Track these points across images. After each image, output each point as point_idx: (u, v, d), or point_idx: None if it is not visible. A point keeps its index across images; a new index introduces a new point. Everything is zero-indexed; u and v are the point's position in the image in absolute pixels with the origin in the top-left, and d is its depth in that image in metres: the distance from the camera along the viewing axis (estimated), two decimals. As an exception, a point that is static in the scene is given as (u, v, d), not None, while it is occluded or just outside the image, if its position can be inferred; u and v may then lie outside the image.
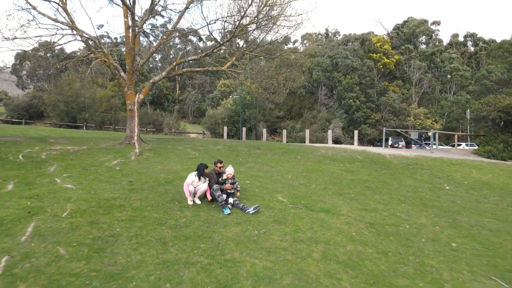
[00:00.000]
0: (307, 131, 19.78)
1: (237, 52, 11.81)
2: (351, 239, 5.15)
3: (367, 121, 33.85)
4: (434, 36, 50.70)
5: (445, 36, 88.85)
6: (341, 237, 5.18)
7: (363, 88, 35.14)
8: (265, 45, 13.64)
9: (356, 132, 18.66)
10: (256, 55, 12.27)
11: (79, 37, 10.34)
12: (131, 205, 5.60)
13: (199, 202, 5.99)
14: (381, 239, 5.29)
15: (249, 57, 12.06)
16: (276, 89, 12.44)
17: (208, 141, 15.75)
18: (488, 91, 19.19)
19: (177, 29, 14.84)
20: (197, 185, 5.94)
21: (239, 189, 6.31)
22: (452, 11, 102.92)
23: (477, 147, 17.21)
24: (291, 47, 54.68)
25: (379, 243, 5.14)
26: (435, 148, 18.54)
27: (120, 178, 7.10)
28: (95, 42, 10.47)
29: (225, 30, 12.48)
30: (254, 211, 5.68)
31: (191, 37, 48.90)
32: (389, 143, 27.89)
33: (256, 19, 11.05)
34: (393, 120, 34.51)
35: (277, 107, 33.39)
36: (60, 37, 9.91)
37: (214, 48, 11.27)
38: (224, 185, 6.03)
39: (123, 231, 4.63)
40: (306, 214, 6.00)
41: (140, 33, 11.42)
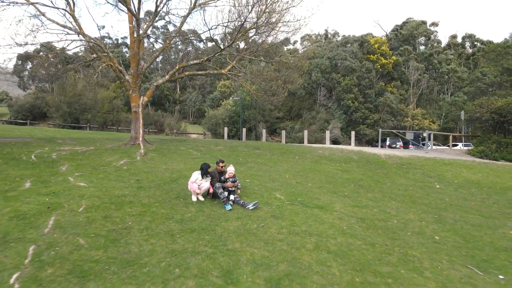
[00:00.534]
0: (306, 132, 20.25)
1: (237, 56, 12.29)
2: (342, 232, 5.62)
3: (366, 121, 34.34)
4: (432, 37, 51.22)
5: (444, 36, 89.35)
6: (333, 230, 5.64)
7: (362, 89, 35.63)
8: (265, 47, 14.12)
9: (353, 133, 19.14)
10: (255, 59, 12.73)
11: (86, 42, 10.80)
12: (140, 201, 6.07)
13: (202, 199, 6.46)
14: (370, 233, 5.76)
15: (249, 59, 12.48)
16: (275, 91, 12.92)
17: (209, 141, 16.22)
18: (482, 93, 19.66)
19: (181, 32, 15.32)
20: (200, 183, 6.41)
21: (239, 187, 6.78)
22: (452, 11, 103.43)
23: (472, 148, 17.69)
24: (290, 48, 55.23)
25: (368, 236, 5.61)
26: (429, 148, 19.01)
27: (128, 177, 7.57)
28: (102, 47, 10.95)
29: (226, 33, 12.98)
30: (253, 207, 6.15)
31: (191, 38, 49.37)
32: (387, 143, 28.37)
33: (255, 25, 11.52)
34: (391, 120, 35.00)
35: (276, 108, 33.88)
36: (69, 43, 10.36)
37: (215, 53, 11.76)
38: (225, 183, 6.49)
39: (135, 224, 5.10)
40: (301, 210, 6.47)
41: (144, 38, 11.88)
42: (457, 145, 27.60)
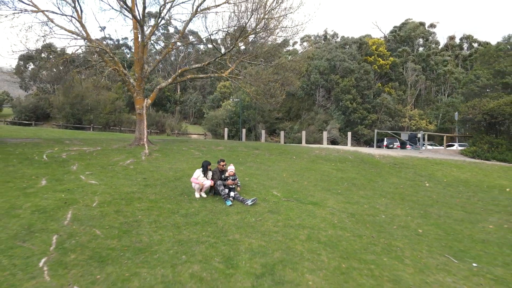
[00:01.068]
0: (303, 133, 20.77)
1: (237, 60, 12.81)
2: (333, 225, 6.14)
3: (364, 122, 34.86)
4: (431, 38, 51.74)
5: (442, 37, 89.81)
6: (325, 224, 6.17)
7: (360, 90, 36.16)
8: (264, 50, 14.63)
9: (349, 133, 19.67)
10: (254, 63, 13.25)
11: (93, 47, 11.33)
12: (148, 197, 6.60)
13: (204, 195, 6.98)
14: (359, 226, 6.29)
15: (248, 60, 12.99)
16: (273, 93, 13.44)
17: (210, 142, 16.74)
18: (475, 95, 20.18)
19: (184, 34, 15.84)
20: (202, 180, 6.93)
21: (239, 185, 7.30)
22: (452, 11, 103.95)
23: (464, 148, 18.21)
24: (290, 49, 55.76)
25: (356, 229, 6.13)
26: (424, 148, 19.52)
27: (135, 175, 8.10)
28: (108, 52, 11.46)
29: (226, 36, 13.51)
30: (252, 203, 6.68)
31: (192, 39, 49.91)
32: (385, 143, 28.88)
33: (254, 31, 12.05)
34: (389, 121, 35.52)
35: (276, 108, 34.39)
36: (77, 48, 10.89)
37: (216, 57, 12.29)
38: (226, 181, 7.02)
39: (144, 218, 5.62)
40: (296, 206, 7.00)
41: (148, 43, 12.41)
42: (453, 145, 28.14)
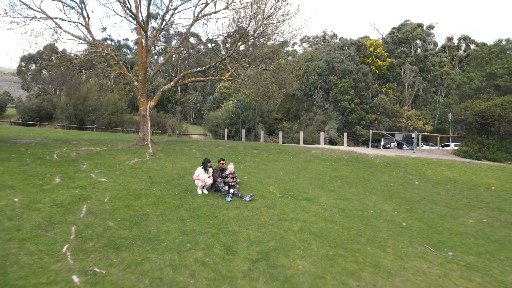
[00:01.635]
0: (301, 133, 21.32)
1: (236, 64, 13.38)
2: (324, 219, 6.70)
3: (361, 122, 35.40)
4: (429, 39, 52.30)
5: (442, 37, 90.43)
6: (316, 218, 6.73)
7: (358, 91, 36.71)
8: (263, 52, 15.20)
9: (345, 134, 20.25)
10: (253, 66, 13.81)
11: (100, 52, 11.89)
12: (154, 194, 7.16)
13: (206, 192, 7.55)
14: (348, 220, 6.85)
15: (247, 64, 13.56)
16: (271, 96, 14.00)
17: (210, 142, 17.31)
18: (468, 97, 20.73)
19: (189, 35, 16.40)
20: (204, 176, 7.49)
21: (238, 182, 7.86)
22: (451, 11, 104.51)
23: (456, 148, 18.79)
24: (289, 50, 56.34)
25: (345, 222, 6.69)
26: (417, 148, 20.09)
27: (141, 174, 8.66)
28: (114, 57, 12.01)
29: (226, 40, 14.08)
30: (250, 199, 7.24)
31: (192, 40, 50.54)
32: (382, 143, 29.47)
33: (252, 36, 12.62)
34: (386, 121, 36.06)
35: (274, 109, 34.92)
36: (85, 53, 11.44)
37: (216, 62, 12.86)
38: (226, 178, 7.58)
39: (151, 212, 6.19)
40: (291, 201, 7.56)
41: (151, 48, 12.97)
42: (449, 145, 28.76)
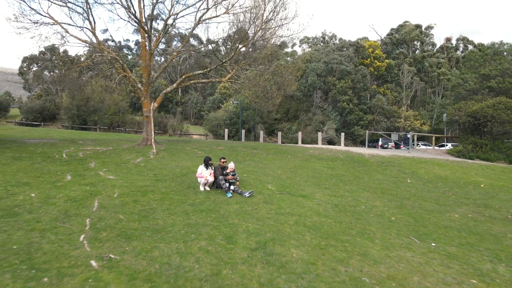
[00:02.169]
0: (300, 133, 21.83)
1: (236, 66, 13.88)
2: (318, 214, 7.20)
3: (360, 122, 35.90)
4: (428, 39, 52.83)
5: (441, 38, 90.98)
6: (311, 212, 7.22)
7: (356, 91, 37.22)
8: (264, 51, 15.68)
9: (343, 134, 20.78)
10: (252, 69, 14.32)
11: (105, 56, 12.38)
12: (159, 190, 7.66)
13: (208, 189, 8.05)
14: (340, 214, 7.34)
15: (247, 67, 14.07)
16: (269, 97, 14.50)
17: (211, 142, 17.80)
18: (463, 98, 21.23)
19: (192, 36, 16.92)
20: (206, 174, 7.98)
21: (238, 180, 8.35)
22: (451, 12, 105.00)
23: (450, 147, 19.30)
24: (289, 51, 56.84)
25: (338, 217, 7.19)
26: (412, 148, 20.60)
27: (146, 172, 9.16)
28: (118, 60, 12.50)
29: (227, 41, 14.59)
30: (249, 195, 7.74)
31: (193, 41, 51.08)
32: (380, 143, 30.00)
33: (252, 39, 13.12)
34: (384, 121, 36.56)
35: (274, 109, 35.42)
36: (92, 57, 11.93)
37: (217, 65, 13.37)
38: (227, 176, 8.08)
39: (158, 206, 6.68)
40: (288, 198, 8.05)
41: (154, 51, 13.47)
42: (446, 145, 29.29)
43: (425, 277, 4.91)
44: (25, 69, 59.17)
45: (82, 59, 12.43)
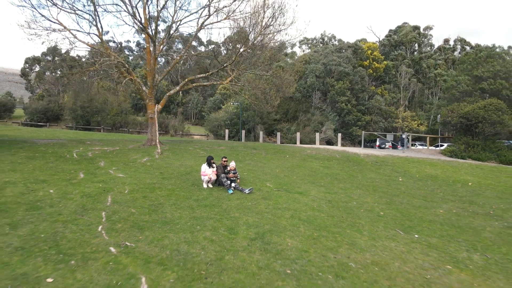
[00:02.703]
0: (298, 134, 22.45)
1: (236, 70, 14.51)
2: (312, 209, 7.82)
3: (358, 123, 36.52)
4: (426, 40, 53.46)
5: (440, 38, 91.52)
6: (306, 207, 7.84)
7: (355, 92, 37.84)
8: (265, 54, 16.31)
9: (339, 134, 21.40)
10: (252, 72, 14.95)
11: (112, 60, 13.00)
12: (166, 187, 8.28)
13: (211, 186, 8.67)
14: (333, 209, 7.96)
15: (246, 70, 14.69)
16: (268, 100, 15.14)
17: (212, 142, 18.42)
18: (456, 99, 21.84)
19: (197, 39, 17.55)
20: (209, 172, 8.60)
21: (238, 177, 8.97)
22: (451, 12, 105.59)
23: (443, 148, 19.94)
24: (289, 52, 57.46)
25: (331, 211, 7.81)
26: (407, 148, 21.23)
27: (153, 170, 9.78)
28: (125, 65, 13.12)
29: (227, 41, 15.21)
30: (249, 191, 8.36)
31: (194, 42, 51.74)
32: (377, 143, 30.63)
33: (252, 44, 13.74)
34: (382, 122, 37.17)
35: (273, 110, 36.04)
36: (101, 62, 12.55)
37: (218, 69, 13.99)
38: (228, 174, 8.70)
39: (165, 201, 7.30)
40: (285, 194, 8.67)
41: (159, 55, 14.08)
42: (443, 145, 29.94)
43: (405, 263, 5.53)
44: (27, 70, 59.89)
45: (89, 63, 13.01)
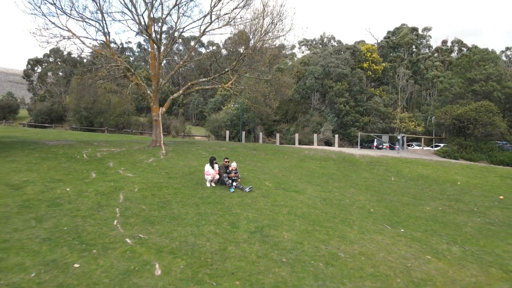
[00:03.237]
0: (297, 135, 23.08)
1: (236, 74, 15.17)
2: (308, 206, 8.46)
3: (356, 124, 37.14)
4: (424, 41, 54.08)
5: (438, 39, 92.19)
6: (302, 205, 8.49)
7: (353, 94, 38.46)
8: (265, 55, 16.95)
9: (337, 136, 22.04)
10: (252, 77, 15.59)
11: (119, 65, 13.64)
12: (172, 186, 8.92)
13: (214, 185, 9.32)
14: (327, 207, 8.61)
15: (247, 73, 15.34)
16: (267, 103, 15.79)
17: (214, 143, 19.06)
18: (450, 101, 22.48)
19: (201, 42, 18.21)
20: (212, 172, 9.24)
21: (239, 177, 9.62)
22: (451, 12, 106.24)
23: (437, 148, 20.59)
24: (288, 53, 58.10)
25: (325, 208, 8.45)
26: (404, 149, 21.88)
27: (159, 170, 10.42)
28: (131, 70, 13.76)
29: (227, 42, 15.86)
30: (249, 190, 9.01)
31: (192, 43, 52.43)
32: (375, 144, 31.28)
33: (250, 51, 14.39)
34: (380, 123, 37.79)
35: (272, 112, 36.66)
36: (107, 67, 13.19)
37: (220, 73, 14.65)
38: (230, 174, 9.35)
39: (172, 199, 7.94)
40: (282, 193, 9.32)
41: (163, 60, 14.73)
42: (439, 145, 30.60)
43: (389, 253, 6.17)
44: (29, 71, 60.52)
45: (98, 68, 13.67)
